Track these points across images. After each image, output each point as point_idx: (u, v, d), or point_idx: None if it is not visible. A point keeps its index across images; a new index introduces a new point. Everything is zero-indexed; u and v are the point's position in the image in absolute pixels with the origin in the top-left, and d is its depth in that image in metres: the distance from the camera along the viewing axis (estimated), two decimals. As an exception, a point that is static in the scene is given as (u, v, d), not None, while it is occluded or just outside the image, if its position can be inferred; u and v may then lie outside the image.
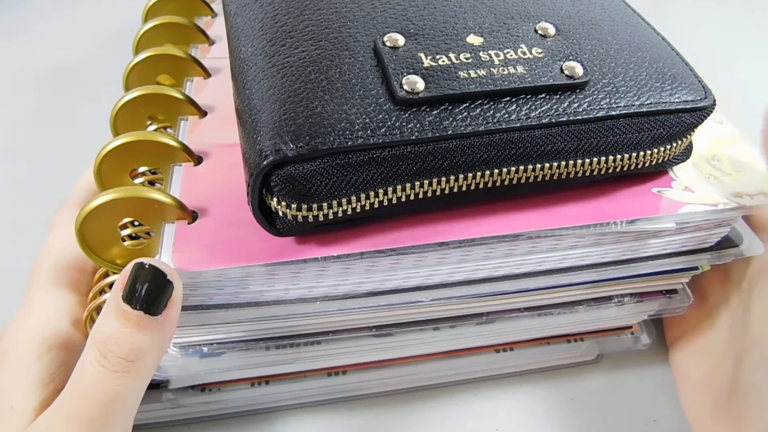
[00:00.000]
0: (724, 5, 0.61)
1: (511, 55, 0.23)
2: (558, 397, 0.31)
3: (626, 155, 0.23)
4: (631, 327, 0.33)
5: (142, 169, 0.27)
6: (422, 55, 0.22)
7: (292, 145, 0.20)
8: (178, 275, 0.20)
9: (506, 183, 0.22)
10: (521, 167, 0.22)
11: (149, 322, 0.20)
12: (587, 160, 0.22)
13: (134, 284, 0.20)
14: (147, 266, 0.20)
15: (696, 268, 0.27)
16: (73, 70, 0.50)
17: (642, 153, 0.23)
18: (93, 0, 0.58)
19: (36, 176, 0.41)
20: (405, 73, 0.21)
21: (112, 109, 0.27)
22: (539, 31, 0.24)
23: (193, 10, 0.35)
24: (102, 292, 0.25)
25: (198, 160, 0.25)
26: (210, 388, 0.29)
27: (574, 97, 0.22)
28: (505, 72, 0.22)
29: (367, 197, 0.21)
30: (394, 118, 0.21)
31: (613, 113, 0.22)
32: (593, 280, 0.26)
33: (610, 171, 0.23)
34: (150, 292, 0.20)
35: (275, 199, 0.20)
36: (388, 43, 0.23)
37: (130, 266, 0.20)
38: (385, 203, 0.21)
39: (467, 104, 0.21)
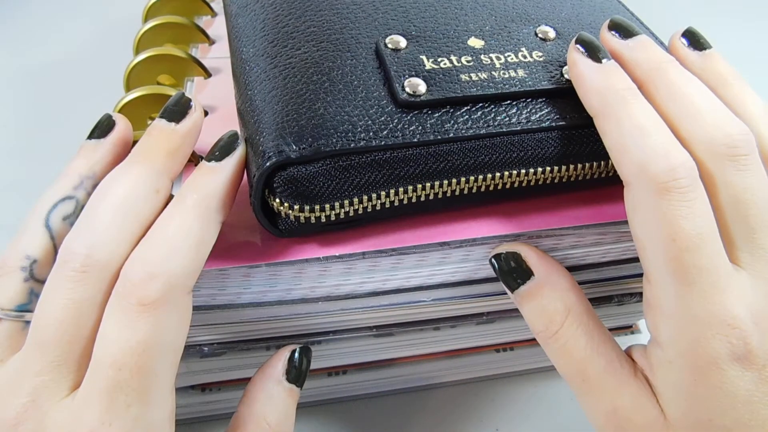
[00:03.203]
0: (724, 10, 0.61)
1: (512, 59, 0.23)
2: (558, 397, 0.31)
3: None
4: (631, 327, 0.33)
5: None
6: (424, 57, 0.22)
7: (294, 147, 0.20)
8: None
9: (508, 186, 0.22)
10: (522, 171, 0.22)
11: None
12: (588, 164, 0.22)
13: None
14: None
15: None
16: (74, 70, 0.50)
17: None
18: (93, 0, 0.58)
19: (36, 176, 0.41)
20: (407, 76, 0.22)
21: (112, 110, 0.27)
22: (539, 35, 0.24)
23: (193, 10, 0.35)
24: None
25: (199, 160, 0.25)
26: (210, 388, 0.29)
27: (574, 100, 0.22)
28: (506, 75, 0.22)
29: (369, 199, 0.21)
30: (396, 121, 0.21)
31: (614, 115, 0.22)
32: (593, 279, 0.26)
33: (611, 174, 0.23)
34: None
35: (278, 200, 0.20)
36: (389, 45, 0.23)
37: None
38: (387, 205, 0.21)
39: (468, 107, 0.21)
